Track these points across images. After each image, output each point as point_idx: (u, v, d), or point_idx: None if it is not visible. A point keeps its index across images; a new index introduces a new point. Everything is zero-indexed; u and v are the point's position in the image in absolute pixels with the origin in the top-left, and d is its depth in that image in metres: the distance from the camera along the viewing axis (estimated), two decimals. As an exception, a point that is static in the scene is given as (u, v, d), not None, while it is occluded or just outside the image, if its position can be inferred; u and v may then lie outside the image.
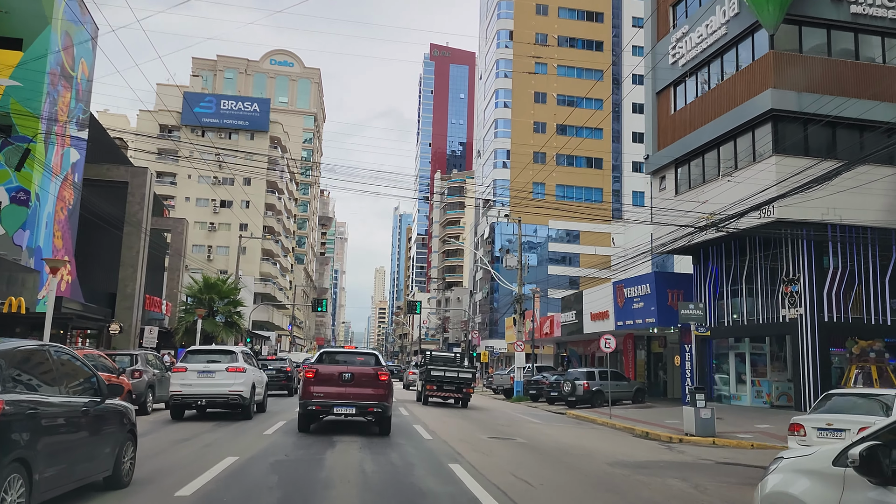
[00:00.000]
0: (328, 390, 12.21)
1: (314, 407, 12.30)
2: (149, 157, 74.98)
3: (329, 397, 12.18)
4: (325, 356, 13.32)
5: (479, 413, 21.50)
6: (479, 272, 70.70)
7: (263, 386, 17.63)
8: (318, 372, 12.46)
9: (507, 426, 16.84)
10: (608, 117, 64.21)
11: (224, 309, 32.00)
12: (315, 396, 12.23)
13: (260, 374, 17.48)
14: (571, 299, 33.97)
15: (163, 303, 38.49)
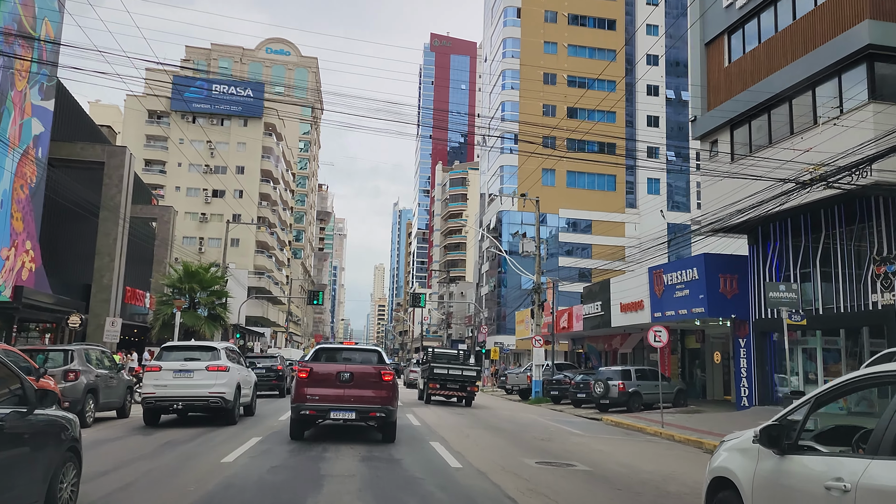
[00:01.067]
0: (324, 392, 10.82)
1: (308, 411, 10.87)
2: (137, 143, 71.50)
3: (325, 400, 10.80)
4: (321, 353, 11.94)
5: (502, 420, 17.97)
6: (486, 264, 67.09)
7: (251, 387, 16.01)
8: (313, 371, 11.01)
9: (547, 440, 13.29)
10: (621, 100, 60.62)
11: (206, 300, 28.47)
12: (309, 399, 10.83)
13: (247, 373, 15.77)
14: (595, 289, 30.43)
15: (146, 296, 34.94)
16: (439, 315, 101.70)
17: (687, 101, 62.51)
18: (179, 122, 71.50)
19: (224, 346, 14.52)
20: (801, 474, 3.89)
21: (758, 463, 4.31)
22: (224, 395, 13.21)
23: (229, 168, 68.72)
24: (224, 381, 13.31)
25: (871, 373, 3.91)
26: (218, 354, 13.75)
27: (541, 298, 29.62)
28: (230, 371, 13.62)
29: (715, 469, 4.87)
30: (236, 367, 14.31)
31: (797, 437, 4.09)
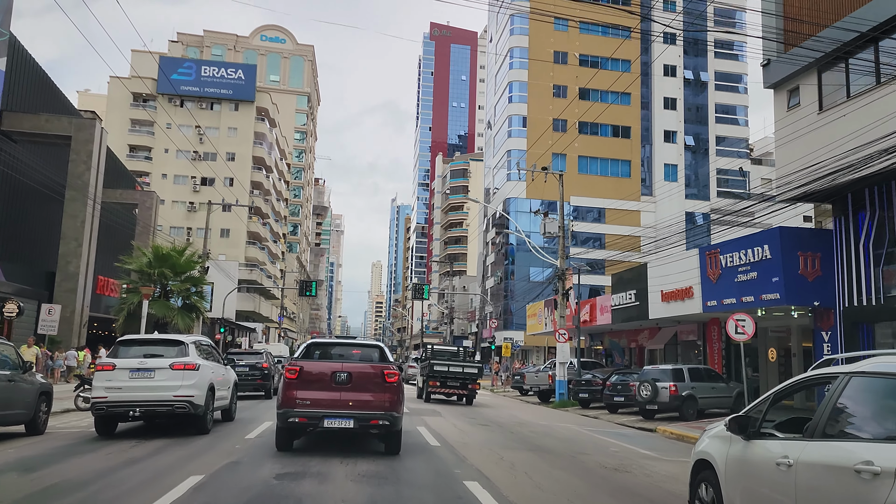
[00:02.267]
0: (316, 396, 9.27)
1: (297, 419, 9.24)
2: (121, 128, 67.55)
3: (318, 405, 9.22)
4: (313, 349, 10.36)
5: (539, 434, 14.15)
6: (491, 256, 63.25)
7: (230, 388, 13.93)
8: (304, 371, 9.45)
9: (622, 471, 9.45)
10: (636, 81, 56.76)
11: (180, 287, 24.59)
12: (298, 405, 9.24)
13: (224, 371, 13.59)
14: (628, 277, 26.59)
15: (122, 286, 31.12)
16: (439, 310, 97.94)
17: (706, 82, 58.75)
18: (166, 105, 67.46)
19: (193, 340, 12.25)
20: (760, 455, 4.97)
21: (730, 447, 5.39)
22: (192, 398, 11.10)
23: (219, 154, 64.69)
24: (192, 381, 11.19)
25: (811, 376, 5.16)
26: (185, 349, 11.59)
27: (565, 287, 25.77)
28: (200, 370, 11.48)
29: (698, 453, 6.01)
30: (209, 365, 12.22)
31: (759, 426, 5.18)
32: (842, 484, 3.95)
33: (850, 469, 3.84)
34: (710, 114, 59.35)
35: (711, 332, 23.26)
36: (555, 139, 53.19)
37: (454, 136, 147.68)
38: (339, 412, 9.13)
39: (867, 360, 4.57)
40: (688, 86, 59.49)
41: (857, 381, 4.39)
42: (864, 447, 3.94)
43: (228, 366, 14.59)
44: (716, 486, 5.48)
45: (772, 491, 4.69)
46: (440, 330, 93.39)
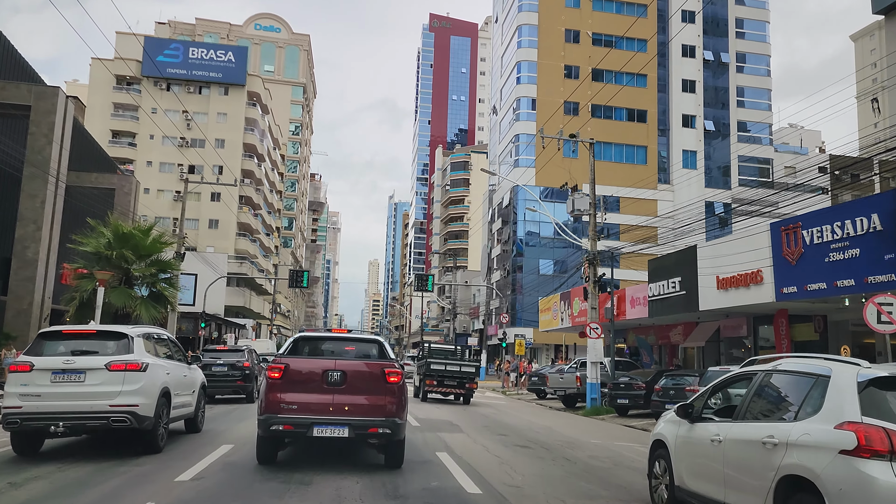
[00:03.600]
0: (305, 399, 7.80)
1: (282, 426, 7.73)
2: (103, 113, 63.60)
3: (306, 410, 7.75)
4: (301, 344, 8.81)
5: (610, 464, 10.35)
6: (497, 248, 59.40)
7: (195, 392, 11.58)
8: (289, 369, 7.95)
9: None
10: (653, 61, 52.97)
11: (144, 271, 20.72)
12: (283, 410, 7.75)
13: (186, 371, 11.11)
14: (671, 261, 22.78)
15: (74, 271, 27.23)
16: (439, 307, 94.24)
17: (727, 63, 55.05)
18: (152, 89, 63.54)
19: (140, 332, 9.76)
20: (699, 434, 6.33)
21: (678, 429, 6.75)
22: (135, 408, 8.81)
23: (208, 141, 60.81)
24: (136, 385, 8.89)
25: (739, 373, 6.50)
26: (128, 344, 9.20)
27: (597, 274, 21.98)
28: (149, 370, 9.17)
29: (654, 434, 7.33)
30: (164, 365, 9.89)
31: (700, 412, 6.56)
32: (753, 453, 5.46)
33: (759, 442, 5.37)
34: (732, 97, 55.61)
35: (779, 326, 19.49)
36: (566, 122, 49.38)
37: (454, 130, 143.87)
38: (332, 418, 7.78)
39: (776, 360, 6.27)
40: (707, 67, 55.74)
41: (766, 377, 5.95)
42: (768, 426, 5.45)
43: (194, 365, 11.98)
44: (667, 460, 6.92)
45: (707, 461, 6.17)
46: (440, 327, 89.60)
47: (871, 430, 4.49)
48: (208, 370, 19.20)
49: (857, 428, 4.55)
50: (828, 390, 5.03)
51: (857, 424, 4.59)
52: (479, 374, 24.32)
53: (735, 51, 56.17)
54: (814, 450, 4.80)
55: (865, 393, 4.78)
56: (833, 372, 5.12)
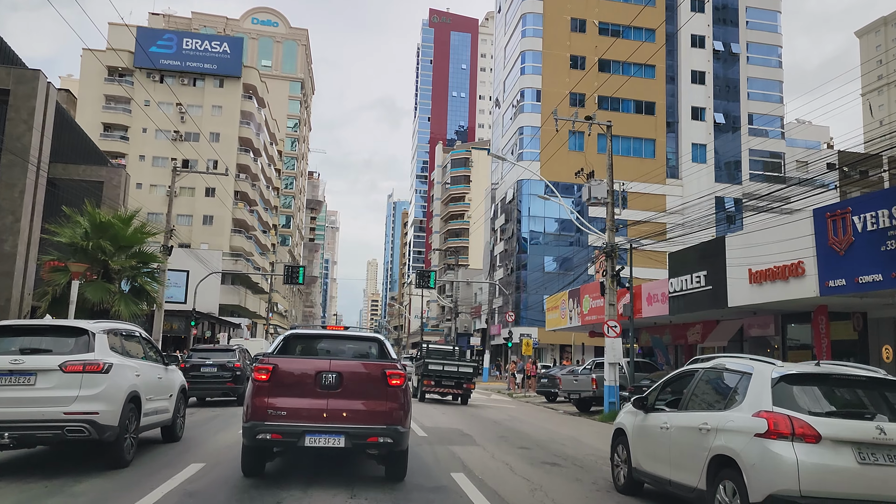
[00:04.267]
0: (295, 404, 7.02)
1: (269, 435, 6.90)
2: (94, 105, 61.82)
3: (297, 417, 6.96)
4: (292, 342, 8.08)
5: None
6: (500, 245, 57.65)
7: (173, 397, 10.30)
8: (278, 371, 7.12)
9: None
10: (661, 51, 51.30)
11: (123, 264, 18.98)
12: (271, 416, 6.96)
13: (161, 373, 9.84)
14: (695, 254, 21.06)
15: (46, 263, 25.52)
16: (439, 307, 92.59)
17: (738, 54, 53.38)
18: (144, 81, 61.74)
19: (104, 328, 8.50)
20: (652, 423, 7.33)
21: (635, 419, 7.78)
22: (94, 416, 7.60)
23: (202, 135, 59.10)
24: (97, 390, 7.70)
25: (684, 370, 7.58)
26: (88, 342, 8.03)
27: (615, 267, 20.27)
28: (113, 372, 7.97)
29: (616, 423, 8.38)
30: (131, 366, 8.66)
31: (653, 404, 7.56)
32: (692, 437, 6.41)
33: (697, 428, 6.32)
34: (742, 89, 53.91)
35: (818, 324, 17.79)
36: (571, 115, 47.74)
37: (454, 127, 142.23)
38: (326, 426, 7.02)
39: (714, 359, 7.22)
40: (717, 58, 54.06)
41: (705, 374, 6.96)
42: (704, 415, 6.44)
43: (172, 366, 10.79)
44: (626, 446, 7.91)
45: (657, 445, 7.13)
46: (441, 327, 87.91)
47: (778, 417, 5.49)
48: (197, 371, 18.08)
49: (769, 415, 5.55)
50: (749, 385, 6.01)
51: (768, 413, 5.57)
52: (476, 375, 24.60)
53: (746, 41, 54.49)
54: (736, 433, 5.78)
55: (777, 387, 5.76)
56: (754, 370, 6.10)
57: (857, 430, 5.45)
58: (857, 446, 5.39)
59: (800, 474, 5.27)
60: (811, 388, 5.89)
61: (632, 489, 7.77)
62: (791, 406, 5.64)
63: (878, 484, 5.35)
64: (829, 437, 5.38)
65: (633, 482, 7.73)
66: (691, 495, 6.38)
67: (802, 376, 5.94)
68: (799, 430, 5.39)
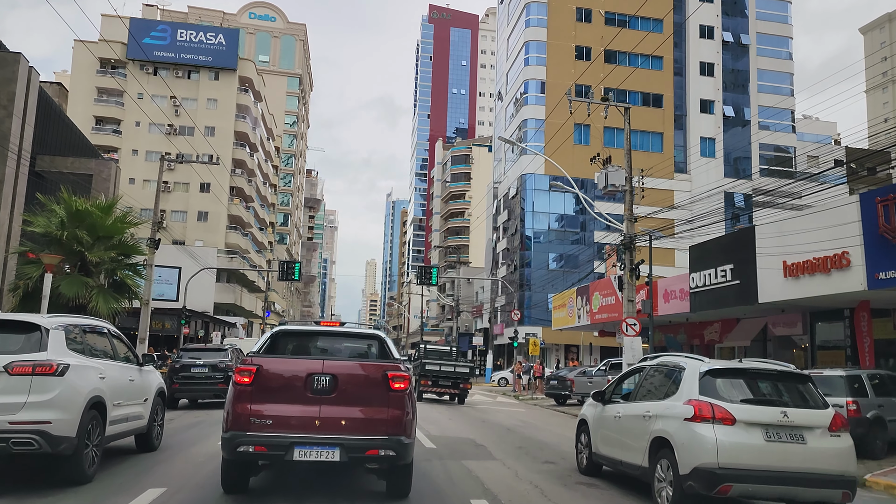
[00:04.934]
0: (283, 411, 6.20)
1: (251, 447, 6.09)
2: (86, 98, 60.25)
3: (284, 426, 6.15)
4: (280, 341, 7.21)
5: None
6: (503, 242, 56.11)
7: (149, 401, 9.17)
8: (262, 373, 6.31)
9: None
10: (669, 42, 49.79)
11: (102, 256, 17.44)
12: (255, 426, 6.14)
13: (133, 375, 8.69)
14: (719, 247, 19.55)
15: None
16: (439, 306, 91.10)
17: (747, 45, 51.90)
18: (137, 73, 60.15)
19: (61, 324, 7.42)
20: (608, 413, 8.56)
21: (595, 410, 9.02)
22: (46, 426, 6.54)
23: (197, 129, 57.52)
24: (49, 395, 6.63)
25: (634, 367, 8.90)
26: (40, 339, 6.95)
27: (633, 260, 18.77)
28: (69, 374, 6.87)
29: (580, 415, 9.63)
30: (94, 367, 7.54)
31: (610, 396, 8.83)
32: (638, 423, 7.62)
33: (641, 415, 7.55)
34: (752, 81, 52.38)
35: (860, 321, 16.26)
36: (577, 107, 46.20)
37: (454, 125, 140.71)
38: (318, 436, 6.09)
39: (658, 358, 8.36)
40: (727, 49, 52.51)
41: (650, 370, 8.19)
42: (647, 404, 7.65)
43: (149, 366, 9.72)
44: (587, 434, 9.13)
45: (610, 432, 8.41)
46: (441, 327, 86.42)
47: (702, 405, 6.74)
48: (187, 371, 17.28)
49: (695, 403, 6.82)
50: (683, 378, 7.28)
51: (695, 401, 6.83)
52: (472, 375, 25.33)
53: (755, 32, 52.97)
54: (671, 419, 7.04)
55: (703, 380, 7.03)
56: (687, 365, 7.37)
57: (764, 414, 6.61)
58: (764, 427, 6.55)
59: (718, 451, 6.40)
60: (731, 381, 7.09)
61: (592, 471, 9.07)
62: (714, 395, 6.81)
63: (781, 457, 6.50)
64: (742, 419, 6.56)
65: (593, 465, 9.05)
66: (637, 473, 7.64)
67: (724, 370, 7.11)
68: (718, 414, 6.57)
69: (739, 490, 6.48)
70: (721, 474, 6.36)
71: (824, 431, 6.67)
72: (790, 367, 7.44)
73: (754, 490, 6.54)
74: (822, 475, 6.51)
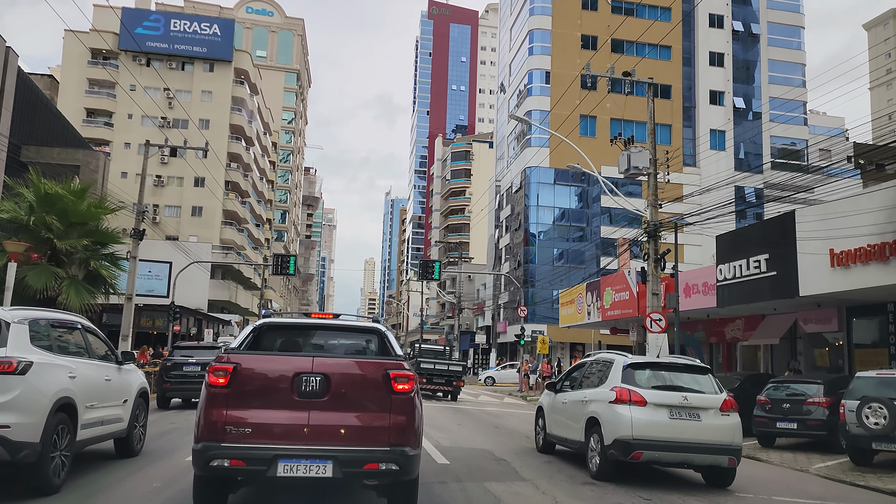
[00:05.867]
0: (265, 418, 5.31)
1: (227, 461, 5.20)
2: (77, 90, 58.56)
3: (267, 436, 5.25)
4: (264, 335, 6.48)
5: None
6: (506, 237, 54.49)
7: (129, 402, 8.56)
8: (242, 372, 5.43)
9: None
10: (677, 31, 48.21)
11: (74, 243, 15.80)
12: (231, 435, 5.25)
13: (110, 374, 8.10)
14: (752, 236, 17.92)
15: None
16: (439, 304, 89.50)
17: (758, 35, 50.32)
18: (130, 64, 58.49)
19: (24, 317, 6.72)
20: (558, 400, 10.40)
21: (549, 398, 10.89)
22: (4, 431, 5.95)
23: (191, 121, 55.95)
24: (8, 396, 6.06)
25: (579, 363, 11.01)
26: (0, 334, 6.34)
27: (657, 249, 17.15)
28: (32, 373, 6.28)
29: (538, 403, 11.59)
30: (63, 365, 6.88)
31: (560, 386, 10.74)
32: (578, 407, 9.49)
33: (581, 401, 9.42)
34: (763, 72, 50.78)
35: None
36: (582, 97, 44.67)
37: (453, 122, 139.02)
38: (307, 448, 5.19)
39: (596, 355, 10.44)
40: (737, 39, 50.91)
41: (590, 364, 10.18)
42: (585, 391, 9.54)
43: (129, 364, 9.06)
44: (543, 418, 11.05)
45: (559, 415, 10.27)
46: (441, 325, 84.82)
47: (622, 390, 8.60)
48: (179, 370, 16.89)
49: (617, 389, 8.67)
50: (611, 370, 9.19)
51: (618, 387, 8.70)
52: (464, 373, 27.06)
53: (766, 21, 51.36)
54: (600, 402, 8.92)
55: (625, 371, 8.92)
56: (615, 360, 9.31)
57: (669, 398, 8.57)
58: (669, 408, 8.50)
59: (632, 426, 8.31)
60: (646, 372, 9.08)
61: (547, 449, 10.91)
62: (632, 383, 8.76)
63: (681, 431, 8.41)
64: (652, 402, 8.51)
65: (547, 444, 10.90)
66: (577, 447, 9.48)
67: (643, 364, 9.26)
68: (634, 398, 8.50)
69: (648, 456, 8.33)
70: (634, 444, 8.24)
71: (716, 412, 8.53)
72: (696, 362, 9.60)
73: (660, 456, 8.42)
74: (713, 445, 8.37)
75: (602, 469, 8.53)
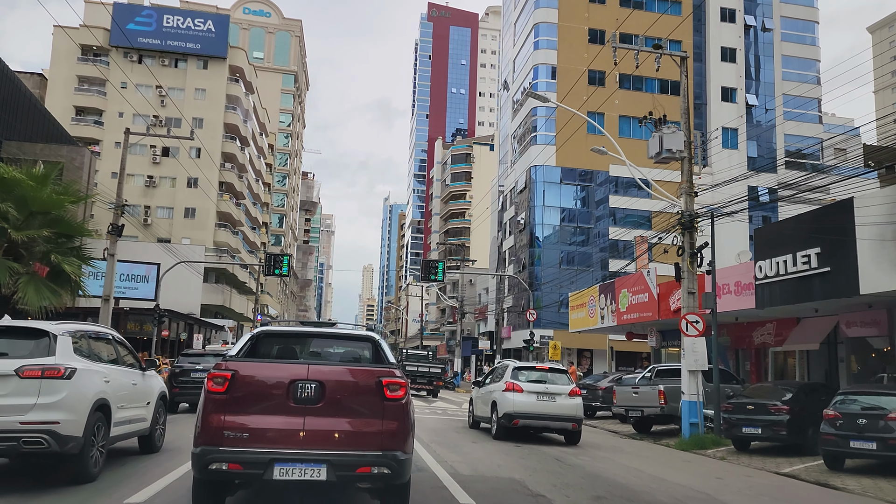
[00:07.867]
0: (262, 424, 5.59)
1: (224, 465, 5.48)
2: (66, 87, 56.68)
3: (263, 440, 5.54)
4: (261, 342, 6.79)
5: None
6: (510, 239, 52.56)
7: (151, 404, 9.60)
8: (238, 380, 5.70)
9: None
10: (688, 25, 46.46)
11: (34, 234, 13.86)
12: (229, 440, 5.51)
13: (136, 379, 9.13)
14: (797, 228, 15.99)
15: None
16: (438, 309, 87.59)
17: (771, 29, 48.59)
18: (121, 61, 56.77)
19: (68, 330, 7.61)
20: (480, 393, 16.06)
21: (476, 391, 16.53)
22: (55, 426, 6.90)
23: (185, 120, 54.00)
24: (57, 397, 7.00)
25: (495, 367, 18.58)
26: (49, 345, 7.25)
27: (693, 243, 15.23)
28: (76, 378, 7.22)
29: (470, 396, 17.38)
30: (99, 371, 7.91)
31: (483, 382, 16.38)
32: (488, 395, 15.05)
33: (490, 391, 15.35)
34: (777, 68, 49.02)
35: None
36: (590, 93, 42.87)
37: (453, 125, 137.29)
38: (302, 452, 5.48)
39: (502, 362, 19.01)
40: (749, 34, 49.17)
41: (498, 367, 16.70)
42: (492, 385, 15.10)
43: (150, 371, 9.79)
44: (472, 405, 16.43)
45: (480, 402, 15.70)
46: (441, 330, 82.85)
47: (510, 383, 14.10)
48: (187, 376, 17.69)
49: (508, 383, 14.19)
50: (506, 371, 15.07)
51: (508, 382, 14.22)
52: (443, 374, 32.80)
53: (780, 15, 49.64)
54: (498, 391, 14.25)
55: (513, 371, 14.59)
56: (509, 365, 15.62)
57: (537, 387, 13.99)
58: (537, 394, 13.87)
59: (514, 405, 13.66)
60: (526, 371, 14.69)
61: (474, 426, 16.20)
62: (517, 378, 14.19)
63: (544, 408, 13.75)
64: (526, 390, 13.86)
65: (475, 422, 16.21)
66: (486, 422, 14.78)
67: (524, 367, 15.03)
68: (516, 388, 13.85)
69: (524, 423, 13.72)
70: (514, 415, 13.67)
71: (566, 395, 14.06)
72: (559, 365, 16.66)
73: (530, 423, 13.82)
74: (562, 416, 13.80)
75: (498, 432, 13.97)
